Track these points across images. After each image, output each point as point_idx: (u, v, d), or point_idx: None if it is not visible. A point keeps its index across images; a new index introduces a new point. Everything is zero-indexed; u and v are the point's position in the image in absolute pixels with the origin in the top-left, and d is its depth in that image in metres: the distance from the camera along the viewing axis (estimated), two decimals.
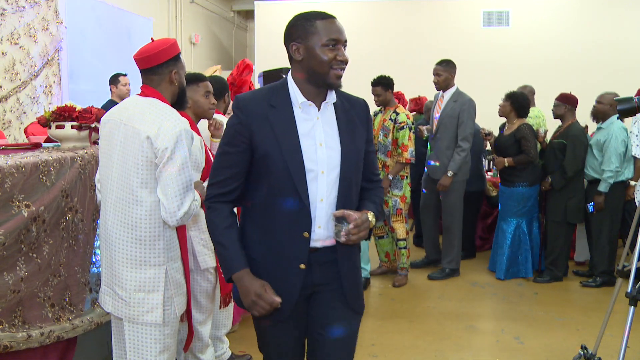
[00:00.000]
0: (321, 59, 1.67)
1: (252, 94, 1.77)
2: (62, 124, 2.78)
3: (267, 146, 1.67)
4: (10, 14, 5.25)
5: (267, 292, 1.68)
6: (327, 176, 1.71)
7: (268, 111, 1.70)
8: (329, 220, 1.73)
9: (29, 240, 2.25)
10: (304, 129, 1.71)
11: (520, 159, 4.66)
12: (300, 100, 1.72)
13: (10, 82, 5.30)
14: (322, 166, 1.71)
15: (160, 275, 2.11)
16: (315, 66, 1.68)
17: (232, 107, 1.60)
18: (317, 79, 1.70)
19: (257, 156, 1.70)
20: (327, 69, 1.68)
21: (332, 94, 1.76)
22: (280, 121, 1.69)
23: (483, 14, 8.75)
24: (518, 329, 3.76)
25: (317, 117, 1.74)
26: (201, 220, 2.65)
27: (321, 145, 1.72)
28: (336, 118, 1.77)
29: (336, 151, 1.73)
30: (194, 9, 9.34)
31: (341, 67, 1.70)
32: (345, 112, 1.80)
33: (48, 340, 2.32)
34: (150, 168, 2.04)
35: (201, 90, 2.70)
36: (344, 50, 1.71)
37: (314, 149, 1.71)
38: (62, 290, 2.46)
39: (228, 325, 3.08)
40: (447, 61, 4.80)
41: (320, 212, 1.72)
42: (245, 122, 1.68)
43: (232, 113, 1.74)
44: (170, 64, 2.18)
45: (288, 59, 1.76)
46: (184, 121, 2.09)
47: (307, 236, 1.72)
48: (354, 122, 1.80)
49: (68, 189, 2.45)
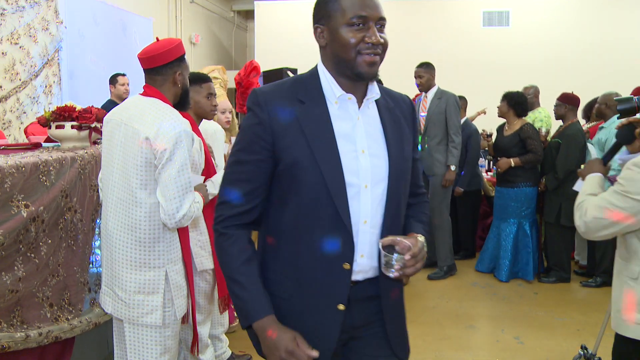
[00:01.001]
0: (344, 41, 1.33)
1: (274, 86, 1.42)
2: (62, 124, 2.78)
3: (296, 153, 1.33)
4: (10, 14, 5.25)
5: (300, 346, 1.32)
6: (371, 192, 1.37)
7: (296, 108, 1.36)
8: (373, 248, 1.40)
9: (28, 241, 2.25)
10: (342, 131, 1.37)
11: (528, 159, 4.65)
12: (337, 93, 1.38)
13: (10, 82, 5.30)
14: (366, 179, 1.36)
15: (160, 277, 2.10)
16: (339, 51, 1.35)
17: (248, 103, 1.37)
18: (344, 69, 1.37)
19: (283, 166, 1.35)
20: (353, 54, 1.33)
21: (374, 87, 1.43)
22: (312, 120, 1.35)
23: (483, 14, 8.75)
24: (518, 329, 3.75)
25: (358, 117, 1.40)
26: (200, 221, 2.64)
27: (363, 152, 1.38)
28: (380, 118, 1.44)
29: (382, 160, 1.40)
30: (194, 9, 9.34)
31: (373, 52, 1.34)
32: (390, 111, 1.47)
33: (46, 340, 2.32)
34: (149, 169, 2.03)
35: (204, 92, 2.69)
36: (375, 30, 1.33)
37: (354, 156, 1.36)
38: (61, 290, 2.46)
39: (225, 323, 3.08)
40: (426, 64, 4.92)
41: (364, 238, 1.38)
42: (266, 123, 1.34)
43: (247, 110, 1.42)
44: (175, 64, 2.18)
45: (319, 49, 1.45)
46: (184, 122, 2.08)
47: (347, 268, 1.37)
48: (400, 123, 1.47)
49: (68, 189, 2.45)
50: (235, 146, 1.41)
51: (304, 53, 8.28)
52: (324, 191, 1.33)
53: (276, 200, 1.40)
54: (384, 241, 1.34)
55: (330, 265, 1.36)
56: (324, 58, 1.42)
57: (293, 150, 1.33)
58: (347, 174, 1.34)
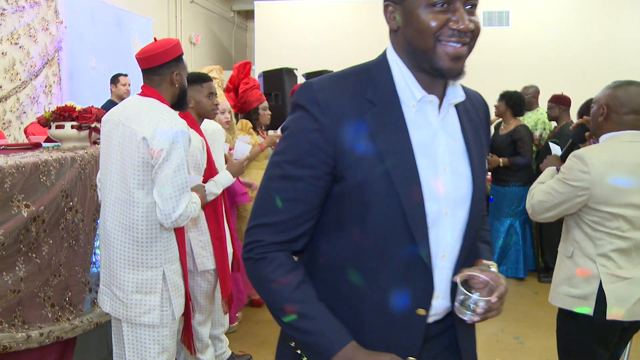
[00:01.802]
0: (422, 25, 1.03)
1: (334, 80, 1.12)
2: (62, 124, 2.78)
3: (366, 171, 1.05)
4: (10, 14, 5.25)
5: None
6: (451, 219, 1.11)
7: (365, 111, 1.07)
8: (448, 286, 1.15)
9: (29, 241, 2.25)
10: (420, 142, 1.09)
11: (515, 161, 4.67)
12: (417, 94, 1.09)
13: (10, 82, 5.30)
14: (446, 204, 1.10)
15: (157, 277, 2.11)
16: (413, 38, 1.06)
17: (299, 99, 1.09)
18: (420, 61, 1.07)
19: (345, 187, 1.07)
20: (432, 42, 1.04)
21: (456, 86, 1.15)
22: (387, 129, 1.06)
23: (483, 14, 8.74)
24: (518, 329, 3.75)
25: (439, 124, 1.12)
26: (201, 221, 2.65)
27: (444, 169, 1.10)
28: (461, 125, 1.16)
29: (465, 179, 1.13)
30: (194, 9, 9.33)
31: (459, 40, 1.04)
32: (468, 115, 1.19)
33: (47, 340, 2.32)
34: (146, 169, 2.04)
35: (205, 91, 2.70)
36: (464, 12, 1.04)
37: (433, 174, 1.09)
38: (62, 290, 2.46)
39: (225, 324, 3.08)
40: None
41: (440, 275, 1.12)
42: (328, 129, 1.05)
43: (295, 108, 1.11)
44: (172, 65, 2.18)
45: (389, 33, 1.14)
46: (181, 122, 2.08)
47: (423, 314, 1.11)
48: (478, 129, 1.20)
49: (68, 189, 2.45)
50: (281, 155, 1.10)
51: (304, 53, 8.31)
52: (399, 220, 1.05)
53: (331, 227, 1.11)
54: (461, 277, 1.10)
55: (401, 311, 1.09)
56: (395, 45, 1.13)
57: (362, 168, 1.05)
58: (426, 197, 1.07)
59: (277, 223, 1.09)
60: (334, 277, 1.12)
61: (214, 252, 2.66)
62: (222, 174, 2.68)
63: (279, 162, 1.10)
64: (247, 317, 3.82)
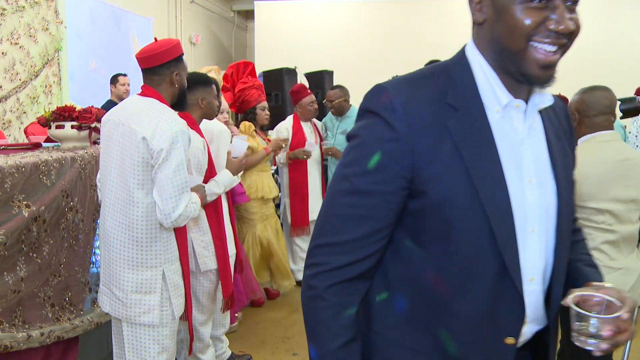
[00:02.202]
0: (515, 22, 0.91)
1: (410, 81, 1.00)
2: (62, 124, 2.78)
3: (450, 185, 0.94)
4: (10, 14, 5.25)
5: None
6: (538, 237, 1.00)
7: (446, 117, 0.95)
8: (539, 312, 1.04)
9: (30, 240, 2.25)
10: (505, 152, 0.97)
11: None
12: (503, 99, 0.98)
13: (10, 82, 5.30)
14: (532, 220, 0.99)
15: (157, 277, 2.11)
16: (502, 36, 0.94)
17: (371, 105, 0.98)
18: (506, 62, 0.96)
19: (425, 203, 0.96)
20: (523, 43, 0.92)
21: (544, 91, 1.03)
22: (472, 137, 0.95)
23: None
24: None
25: (525, 132, 1.01)
26: (202, 222, 2.65)
27: (530, 182, 0.99)
28: (545, 132, 1.05)
29: (551, 192, 1.02)
30: (194, 9, 9.34)
31: (556, 42, 0.92)
32: (551, 121, 1.07)
33: (48, 340, 2.32)
34: (146, 169, 2.04)
35: (214, 92, 2.71)
36: (564, 10, 0.91)
37: (519, 187, 0.98)
38: (62, 290, 2.46)
39: (226, 324, 3.08)
40: (433, 62, 4.82)
41: (529, 299, 1.00)
42: (406, 138, 0.94)
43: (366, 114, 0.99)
44: (172, 65, 2.18)
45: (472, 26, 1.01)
46: (181, 122, 2.09)
47: (512, 343, 1.00)
48: (561, 136, 1.09)
49: (68, 189, 2.45)
50: (349, 167, 0.98)
51: (304, 53, 8.32)
52: (486, 239, 0.94)
53: (404, 247, 1.01)
54: (572, 299, 0.96)
55: (487, 341, 0.99)
56: (479, 41, 1.00)
57: (445, 182, 0.94)
58: (514, 214, 0.96)
59: (343, 243, 0.98)
60: (407, 303, 1.02)
61: (215, 252, 2.67)
62: (222, 173, 2.68)
63: (348, 175, 0.98)
64: (247, 317, 3.82)
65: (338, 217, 0.99)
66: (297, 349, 3.35)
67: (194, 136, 2.46)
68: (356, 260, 0.99)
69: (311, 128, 4.43)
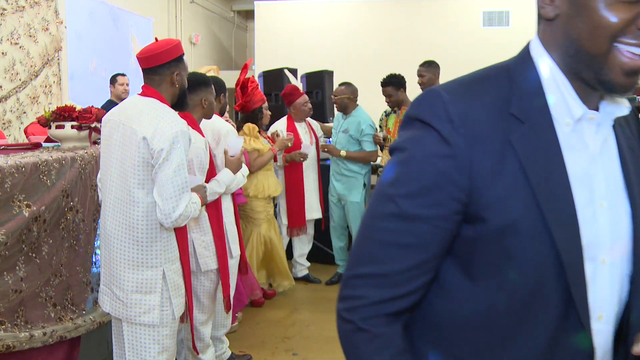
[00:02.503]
0: (598, 20, 0.78)
1: (467, 87, 0.86)
2: (62, 124, 2.78)
3: (514, 210, 0.81)
4: (10, 14, 5.25)
5: None
6: (610, 268, 0.87)
7: (509, 130, 0.82)
8: (606, 354, 0.90)
9: (30, 240, 2.25)
10: (575, 171, 0.84)
11: None
12: (576, 110, 0.84)
13: (10, 82, 5.30)
14: (603, 249, 0.86)
15: (157, 277, 2.11)
16: (580, 35, 0.81)
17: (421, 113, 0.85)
18: (581, 68, 0.83)
19: (482, 230, 0.83)
20: (606, 45, 0.79)
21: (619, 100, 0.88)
22: (538, 154, 0.82)
23: (483, 14, 8.75)
24: None
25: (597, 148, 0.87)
26: (203, 222, 2.65)
27: (602, 205, 0.86)
28: (617, 146, 0.90)
29: (624, 216, 0.88)
30: (194, 9, 9.34)
31: None
32: (622, 131, 0.92)
33: (51, 340, 2.32)
34: (146, 169, 2.05)
35: (214, 92, 2.73)
36: None
37: (591, 212, 0.85)
38: (64, 290, 2.46)
39: (227, 325, 3.09)
40: (429, 62, 4.80)
41: (598, 340, 0.87)
42: (463, 155, 0.81)
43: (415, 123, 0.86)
44: (173, 65, 2.18)
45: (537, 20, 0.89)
46: (181, 122, 2.09)
47: None
48: (634, 148, 0.94)
49: (68, 188, 2.45)
50: (394, 186, 0.85)
51: (304, 53, 8.32)
52: (552, 272, 0.82)
53: (452, 279, 0.88)
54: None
55: None
56: (548, 39, 0.86)
57: (508, 207, 0.81)
58: (583, 241, 0.83)
59: (386, 275, 0.85)
60: (455, 343, 0.89)
61: (216, 252, 2.67)
62: (222, 172, 2.69)
63: (393, 196, 0.84)
64: (247, 318, 3.82)
65: (381, 245, 0.85)
66: (297, 349, 3.35)
67: (195, 136, 2.46)
68: (400, 295, 0.85)
69: (306, 128, 4.42)
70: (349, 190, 4.40)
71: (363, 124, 4.32)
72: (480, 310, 0.86)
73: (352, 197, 4.38)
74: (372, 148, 4.35)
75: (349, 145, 4.36)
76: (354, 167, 4.38)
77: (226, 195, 2.86)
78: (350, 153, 4.33)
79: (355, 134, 4.33)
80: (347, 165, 4.39)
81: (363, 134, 4.31)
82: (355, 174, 4.39)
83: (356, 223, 4.42)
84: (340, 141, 4.41)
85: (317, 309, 4.01)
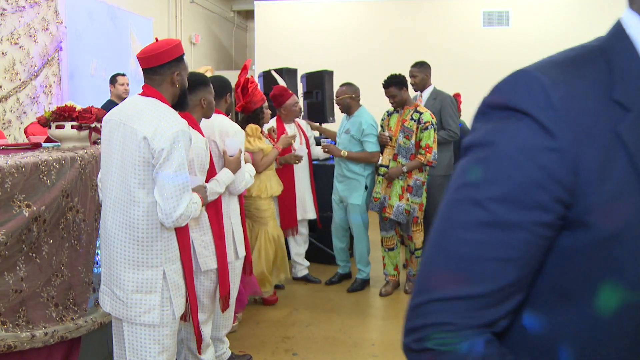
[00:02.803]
0: None
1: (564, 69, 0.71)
2: (62, 124, 2.78)
3: (623, 213, 0.67)
4: (10, 14, 5.25)
5: None
6: None
7: (615, 119, 0.68)
8: None
9: (30, 240, 2.25)
10: None
11: None
12: None
13: (10, 82, 5.30)
14: None
15: (157, 277, 2.11)
16: None
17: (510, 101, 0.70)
18: None
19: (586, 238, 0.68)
20: None
21: None
22: None
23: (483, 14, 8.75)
24: None
25: None
26: (203, 221, 2.65)
27: None
28: None
29: None
30: (194, 9, 9.34)
31: None
32: None
33: (52, 340, 2.32)
34: (147, 168, 2.05)
35: (212, 91, 2.74)
36: None
37: None
38: (66, 290, 2.46)
39: (228, 325, 3.09)
40: (421, 62, 4.80)
41: None
42: (569, 150, 0.66)
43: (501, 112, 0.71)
44: (173, 65, 2.19)
45: None
46: (182, 122, 2.09)
47: None
48: None
49: (69, 188, 2.45)
50: (481, 188, 0.69)
51: (304, 53, 8.32)
52: None
53: (546, 295, 0.73)
54: None
55: None
56: None
57: (619, 210, 0.67)
58: None
59: (476, 297, 0.68)
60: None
61: (215, 251, 2.67)
62: (222, 172, 2.70)
63: (480, 200, 0.68)
64: (247, 318, 3.82)
65: (467, 261, 0.68)
66: (297, 349, 3.35)
67: (196, 136, 2.46)
68: (491, 320, 0.69)
69: (295, 129, 4.42)
70: (350, 192, 4.37)
71: (364, 124, 4.30)
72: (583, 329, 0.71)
73: (352, 199, 4.36)
74: (374, 149, 4.32)
75: (351, 145, 4.33)
76: (356, 168, 4.36)
77: (233, 196, 2.87)
78: (352, 153, 4.31)
79: (357, 134, 4.30)
80: (349, 166, 4.37)
81: (364, 134, 4.29)
82: (357, 176, 4.36)
83: (356, 224, 4.42)
84: (343, 142, 4.40)
85: (317, 309, 4.02)
